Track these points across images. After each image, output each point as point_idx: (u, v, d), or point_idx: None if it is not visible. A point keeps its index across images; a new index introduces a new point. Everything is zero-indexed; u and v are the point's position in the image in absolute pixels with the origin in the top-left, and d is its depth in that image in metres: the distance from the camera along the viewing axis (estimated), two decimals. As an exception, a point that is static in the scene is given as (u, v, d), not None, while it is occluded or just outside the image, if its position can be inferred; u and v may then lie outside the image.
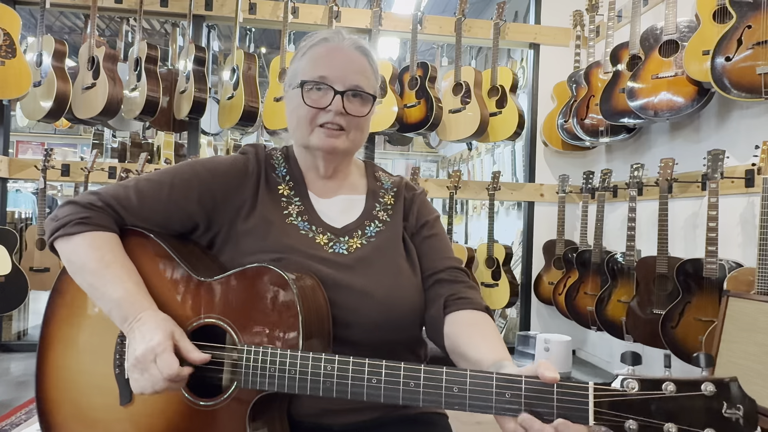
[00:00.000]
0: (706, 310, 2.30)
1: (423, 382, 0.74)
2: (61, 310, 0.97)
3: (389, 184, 1.11)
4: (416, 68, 3.61)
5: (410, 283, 0.99)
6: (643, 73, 2.72)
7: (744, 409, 0.61)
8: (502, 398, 0.70)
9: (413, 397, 0.75)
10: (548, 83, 3.82)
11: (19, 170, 3.54)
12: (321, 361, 0.79)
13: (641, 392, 0.64)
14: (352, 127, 0.98)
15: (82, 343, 0.95)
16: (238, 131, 4.38)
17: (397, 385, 0.76)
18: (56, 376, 0.95)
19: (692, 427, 0.62)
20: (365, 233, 1.00)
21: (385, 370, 0.76)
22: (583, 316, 3.19)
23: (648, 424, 0.63)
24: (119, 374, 0.91)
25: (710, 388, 0.62)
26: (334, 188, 1.06)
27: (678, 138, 2.95)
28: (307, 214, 1.01)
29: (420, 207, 1.08)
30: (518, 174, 5.15)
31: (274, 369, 0.80)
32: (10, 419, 2.37)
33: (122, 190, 0.95)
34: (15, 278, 3.04)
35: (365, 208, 1.05)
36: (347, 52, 0.98)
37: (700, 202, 2.72)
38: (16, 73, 3.09)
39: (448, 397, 0.73)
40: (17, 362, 3.29)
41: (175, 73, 3.75)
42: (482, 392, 0.72)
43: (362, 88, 0.97)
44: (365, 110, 0.98)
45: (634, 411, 0.64)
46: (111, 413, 0.91)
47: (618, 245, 3.15)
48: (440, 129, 3.63)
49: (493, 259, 3.62)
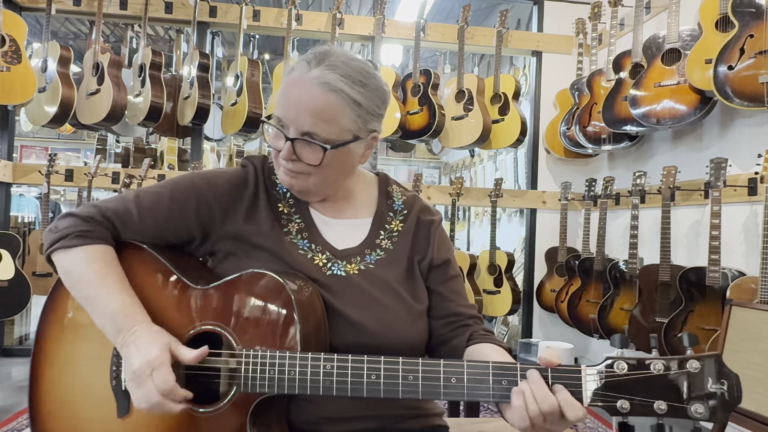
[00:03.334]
0: (708, 318, 2.29)
1: (421, 375, 0.76)
2: (55, 324, 0.97)
3: (401, 204, 1.05)
4: (419, 75, 3.62)
5: (406, 314, 0.95)
6: (645, 81, 2.73)
7: (728, 383, 0.65)
8: (499, 386, 0.73)
9: (412, 390, 0.76)
10: (551, 91, 3.82)
11: (23, 175, 3.55)
12: (320, 360, 0.80)
13: (631, 372, 0.67)
14: (312, 171, 0.91)
15: (77, 356, 0.94)
16: (241, 137, 4.40)
17: (396, 380, 0.77)
18: (51, 390, 0.95)
19: (681, 403, 0.65)
20: (365, 260, 0.98)
21: (384, 365, 0.78)
22: (585, 323, 3.18)
23: (639, 402, 0.66)
24: (116, 386, 0.90)
25: (695, 365, 0.65)
26: (337, 210, 1.03)
27: (680, 146, 2.95)
28: (308, 232, 0.99)
29: (440, 240, 1.03)
30: (520, 181, 5.15)
31: (273, 371, 0.81)
32: (11, 424, 2.37)
33: (122, 204, 0.95)
34: (18, 283, 3.04)
35: (369, 234, 1.01)
36: (308, 90, 0.87)
37: (702, 210, 2.71)
38: (21, 79, 3.11)
39: (447, 387, 0.75)
40: (19, 367, 3.29)
41: (178, 79, 3.77)
42: (479, 381, 0.74)
43: (314, 133, 0.88)
44: (317, 158, 0.88)
45: (625, 391, 0.67)
46: (108, 425, 0.90)
47: (620, 253, 3.15)
48: (443, 136, 3.64)
49: (495, 266, 3.62)
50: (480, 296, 3.57)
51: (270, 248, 0.95)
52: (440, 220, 1.07)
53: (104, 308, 0.87)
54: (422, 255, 1.01)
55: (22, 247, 3.23)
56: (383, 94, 0.96)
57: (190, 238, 0.98)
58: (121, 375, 0.89)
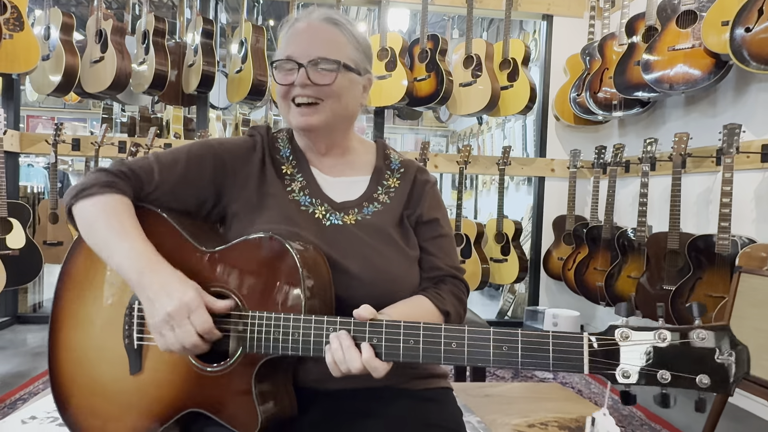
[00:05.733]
0: (717, 286, 2.29)
1: (422, 339, 0.77)
2: (71, 288, 0.99)
3: (398, 164, 1.10)
4: (426, 41, 3.55)
5: (401, 260, 0.99)
6: (659, 45, 2.66)
7: (736, 354, 0.63)
8: (499, 351, 0.74)
9: (413, 354, 0.78)
10: (561, 56, 3.74)
11: (30, 145, 3.56)
12: (323, 323, 0.82)
13: (635, 341, 0.66)
14: (325, 97, 0.97)
15: (91, 318, 0.97)
16: (247, 105, 4.37)
17: (397, 343, 0.78)
18: (68, 351, 0.98)
19: (686, 374, 0.63)
20: (362, 212, 1.02)
21: (386, 329, 0.79)
22: (592, 291, 3.19)
23: (642, 371, 0.65)
24: (128, 344, 0.93)
25: (702, 335, 0.63)
26: (338, 168, 1.07)
27: (693, 112, 2.89)
28: (309, 188, 1.03)
29: (431, 200, 1.07)
30: (529, 149, 5.10)
31: (278, 333, 0.83)
32: (28, 388, 2.44)
33: (145, 161, 0.99)
34: (29, 252, 3.08)
35: (367, 189, 1.05)
36: (314, 26, 0.99)
37: (713, 178, 2.68)
38: (24, 47, 3.07)
39: (447, 352, 0.76)
40: (34, 333, 3.36)
41: (183, 47, 3.72)
42: (480, 346, 0.75)
43: (326, 57, 0.96)
44: (331, 78, 0.96)
45: (627, 359, 0.66)
46: (121, 383, 0.93)
47: (629, 221, 3.13)
48: (450, 103, 3.59)
49: (502, 234, 3.61)
50: (487, 264, 3.58)
51: (274, 207, 1.00)
52: (435, 182, 1.12)
53: (124, 249, 0.88)
54: (412, 210, 1.05)
55: (33, 217, 3.26)
56: (370, 49, 1.07)
57: (204, 198, 1.01)
58: (133, 333, 0.92)
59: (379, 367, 0.79)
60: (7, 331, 3.41)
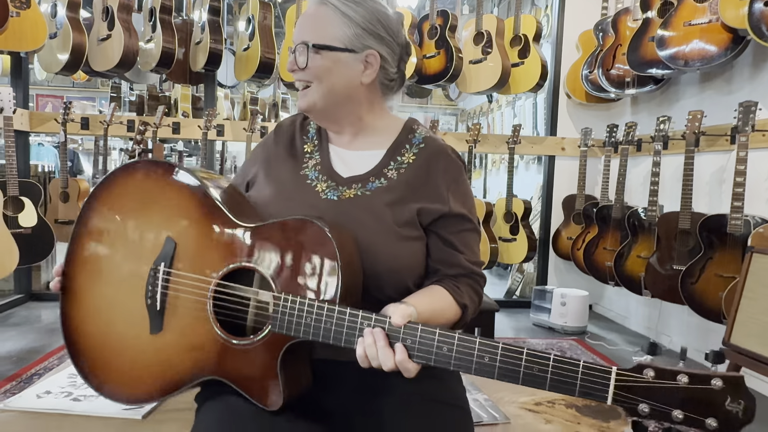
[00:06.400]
0: (728, 266, 2.27)
1: (456, 348, 0.79)
2: (87, 243, 0.98)
3: (420, 139, 1.05)
4: (436, 17, 3.49)
5: (385, 238, 0.95)
6: (674, 20, 2.60)
7: (744, 403, 0.68)
8: (529, 372, 0.76)
9: (445, 361, 0.79)
10: (573, 32, 3.67)
11: (39, 124, 3.57)
12: (358, 317, 0.82)
13: (657, 380, 0.71)
14: (312, 79, 1.00)
15: (111, 275, 0.96)
16: (255, 84, 4.34)
17: (430, 347, 0.80)
18: (84, 307, 0.98)
19: (697, 415, 0.69)
20: (365, 187, 1.00)
21: (420, 333, 0.80)
22: (601, 271, 3.18)
23: (658, 409, 0.71)
24: (151, 305, 0.93)
25: (719, 383, 0.69)
26: (356, 142, 1.07)
27: (708, 89, 2.84)
28: (321, 165, 1.05)
29: (464, 193, 1.03)
30: (539, 127, 5.04)
31: (310, 319, 0.83)
32: (43, 364, 2.49)
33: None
34: (41, 230, 3.11)
35: (379, 163, 1.03)
36: (309, 12, 1.02)
37: (727, 157, 2.64)
38: (31, 25, 3.06)
39: (479, 365, 0.78)
40: (48, 311, 3.42)
41: (190, 24, 3.69)
42: (512, 365, 0.77)
43: (303, 40, 0.99)
44: (304, 61, 0.98)
45: (648, 396, 0.72)
46: (140, 342, 0.93)
47: (640, 200, 3.10)
48: (460, 80, 3.54)
49: (511, 213, 3.60)
50: (495, 244, 3.57)
51: (276, 181, 1.04)
52: (460, 167, 1.05)
53: None
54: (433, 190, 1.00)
55: (44, 196, 3.29)
56: (381, 15, 1.01)
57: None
58: (157, 294, 0.92)
59: (412, 368, 0.80)
60: (21, 308, 3.47)
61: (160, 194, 0.96)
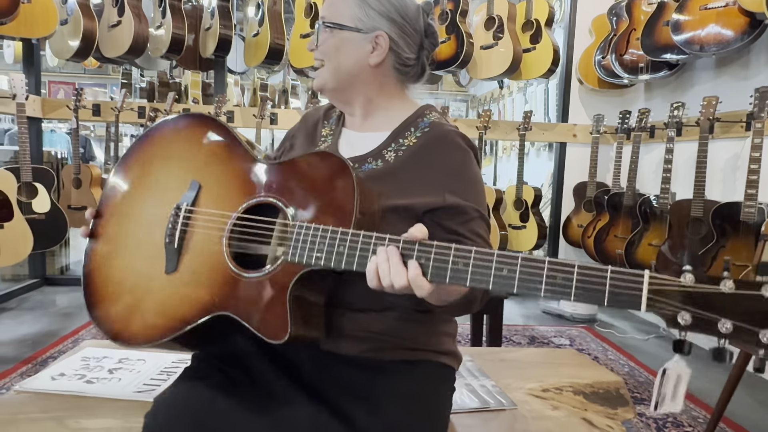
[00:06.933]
0: (740, 254, 2.24)
1: (473, 262, 0.74)
2: (124, 182, 1.04)
3: (427, 122, 1.02)
4: (447, 1, 3.45)
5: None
6: (690, 4, 2.55)
7: None
8: (552, 281, 0.69)
9: (460, 276, 0.75)
10: (587, 16, 3.61)
11: (51, 110, 3.59)
12: (371, 238, 0.80)
13: (698, 285, 0.61)
14: (322, 57, 1.03)
15: (138, 220, 1.00)
16: (265, 70, 4.33)
17: (445, 264, 0.76)
18: (107, 252, 1.01)
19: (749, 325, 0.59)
20: (361, 167, 0.99)
21: (435, 250, 0.77)
22: (611, 259, 3.16)
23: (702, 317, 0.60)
24: (169, 243, 0.95)
25: None
26: (366, 124, 1.07)
27: (724, 75, 2.79)
28: (329, 147, 1.06)
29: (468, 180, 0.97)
30: (551, 114, 4.99)
31: (323, 245, 0.82)
32: (57, 347, 2.53)
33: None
34: (54, 216, 3.15)
35: (380, 145, 1.01)
36: None
37: (742, 143, 2.60)
38: (42, 11, 3.07)
39: (497, 278, 0.73)
40: (62, 295, 3.47)
41: (199, 10, 3.68)
42: (533, 274, 0.71)
43: (323, 20, 1.02)
44: (319, 40, 1.02)
45: (688, 302, 0.62)
46: (154, 280, 0.95)
47: (652, 188, 3.07)
48: (471, 66, 3.51)
49: (521, 200, 3.58)
50: (505, 231, 3.56)
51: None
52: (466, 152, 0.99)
53: None
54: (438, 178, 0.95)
55: (57, 182, 3.32)
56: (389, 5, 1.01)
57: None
58: (176, 233, 0.94)
59: (426, 286, 0.76)
60: (36, 292, 3.52)
61: (191, 143, 1.01)
